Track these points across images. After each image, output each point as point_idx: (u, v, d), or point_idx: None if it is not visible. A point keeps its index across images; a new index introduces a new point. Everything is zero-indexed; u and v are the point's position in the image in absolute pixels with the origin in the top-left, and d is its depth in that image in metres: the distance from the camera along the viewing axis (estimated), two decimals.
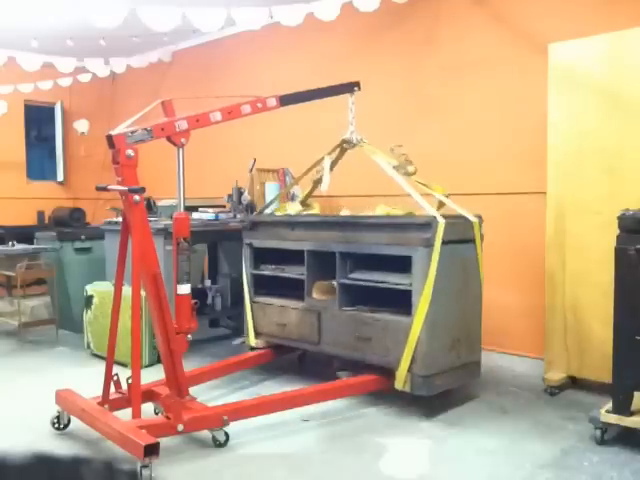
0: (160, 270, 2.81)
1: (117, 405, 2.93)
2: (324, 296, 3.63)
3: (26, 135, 7.54)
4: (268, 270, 3.99)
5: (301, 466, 2.63)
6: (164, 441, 2.70)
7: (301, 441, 2.91)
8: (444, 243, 3.08)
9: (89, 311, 4.43)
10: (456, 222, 3.28)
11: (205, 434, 2.78)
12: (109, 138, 2.65)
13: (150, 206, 5.48)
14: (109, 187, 2.80)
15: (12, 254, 4.95)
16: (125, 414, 2.76)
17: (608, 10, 3.70)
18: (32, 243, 5.38)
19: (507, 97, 4.24)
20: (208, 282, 5.26)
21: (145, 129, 2.73)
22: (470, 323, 3.36)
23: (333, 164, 3.77)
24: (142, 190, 2.68)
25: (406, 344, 3.12)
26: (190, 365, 3.79)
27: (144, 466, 2.37)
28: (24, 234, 5.68)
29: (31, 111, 7.54)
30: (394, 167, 3.45)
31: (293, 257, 3.76)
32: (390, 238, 3.30)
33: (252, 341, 3.94)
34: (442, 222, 3.08)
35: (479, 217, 3.43)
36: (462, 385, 3.50)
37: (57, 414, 2.97)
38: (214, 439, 2.79)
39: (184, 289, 2.87)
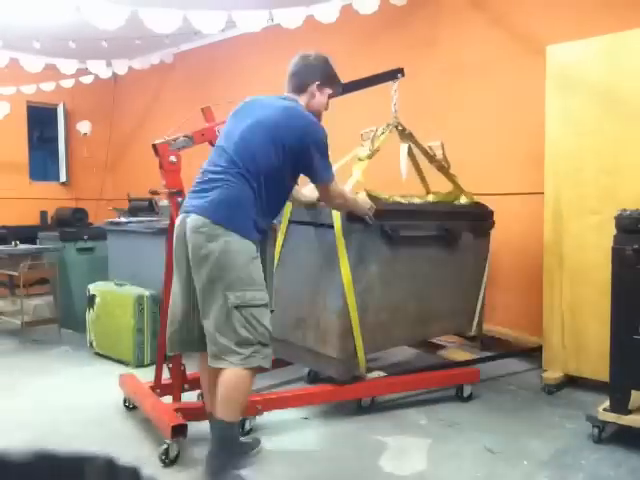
0: None
1: (168, 390, 3.11)
2: None
3: (29, 136, 7.57)
4: None
5: (301, 463, 2.66)
6: None
7: (301, 439, 2.93)
8: (296, 223, 3.26)
9: (92, 310, 4.46)
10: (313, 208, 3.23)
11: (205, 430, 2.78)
12: (154, 147, 2.82)
13: (152, 206, 5.52)
14: (159, 190, 3.01)
15: (15, 254, 4.98)
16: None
17: (605, 12, 3.73)
18: (35, 243, 5.42)
19: (506, 98, 4.26)
20: None
21: (186, 136, 2.91)
22: (321, 313, 3.11)
23: (409, 150, 3.68)
24: (180, 193, 2.83)
25: None
26: None
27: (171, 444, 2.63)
28: (27, 234, 5.70)
29: (34, 112, 7.57)
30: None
31: None
32: None
33: None
34: (289, 204, 3.20)
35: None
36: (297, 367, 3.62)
37: (125, 396, 3.29)
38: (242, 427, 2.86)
39: None
